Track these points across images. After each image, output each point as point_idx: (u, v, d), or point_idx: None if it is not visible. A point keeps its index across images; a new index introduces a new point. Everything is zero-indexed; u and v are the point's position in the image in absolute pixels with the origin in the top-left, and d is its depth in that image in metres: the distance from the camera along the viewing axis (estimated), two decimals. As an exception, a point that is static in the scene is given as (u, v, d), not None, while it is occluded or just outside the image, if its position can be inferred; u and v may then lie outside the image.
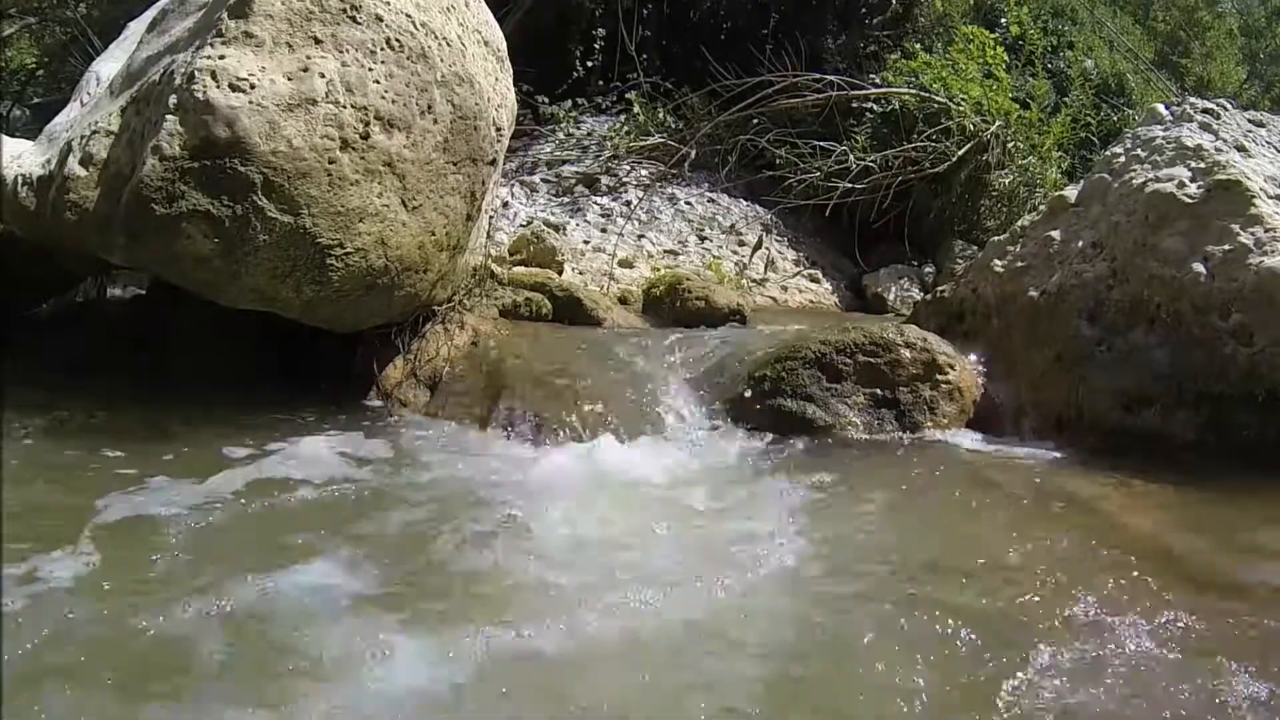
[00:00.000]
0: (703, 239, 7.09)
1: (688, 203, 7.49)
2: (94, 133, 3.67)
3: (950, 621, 2.16)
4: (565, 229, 6.75)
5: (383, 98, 3.62)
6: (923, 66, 7.53)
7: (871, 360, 3.68)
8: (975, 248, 6.68)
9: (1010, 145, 7.35)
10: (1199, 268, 3.36)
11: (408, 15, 3.76)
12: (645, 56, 8.45)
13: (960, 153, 7.05)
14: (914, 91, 7.28)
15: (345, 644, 2.05)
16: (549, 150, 8.20)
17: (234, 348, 4.17)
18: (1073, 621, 2.17)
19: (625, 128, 8.20)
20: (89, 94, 4.32)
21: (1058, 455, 3.41)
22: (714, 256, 6.80)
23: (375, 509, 2.87)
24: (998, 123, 7.21)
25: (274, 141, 3.37)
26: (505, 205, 7.00)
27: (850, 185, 6.88)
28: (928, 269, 7.10)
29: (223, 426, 3.48)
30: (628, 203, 7.28)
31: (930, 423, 3.60)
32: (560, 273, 5.53)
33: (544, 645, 2.07)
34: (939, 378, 3.69)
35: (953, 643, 2.09)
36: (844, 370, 3.68)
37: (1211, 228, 3.40)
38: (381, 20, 3.68)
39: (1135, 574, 2.40)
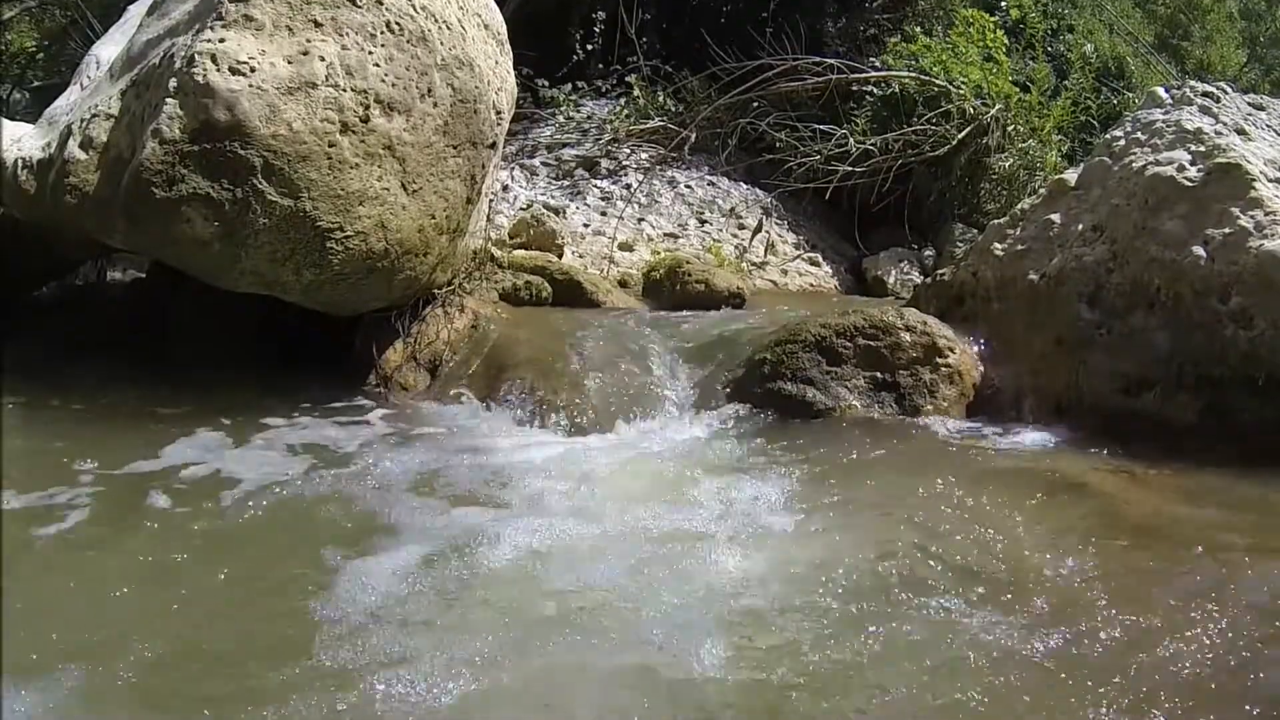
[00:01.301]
0: (702, 222, 7.07)
1: (687, 186, 7.47)
2: (94, 116, 3.66)
3: (943, 602, 2.18)
4: (565, 212, 6.74)
5: (382, 81, 3.62)
6: (923, 50, 7.49)
7: (871, 344, 3.69)
8: (975, 231, 6.66)
9: (1010, 128, 7.33)
10: (1199, 251, 3.36)
11: (407, -2, 3.75)
12: (645, 40, 8.41)
13: (960, 136, 7.03)
14: (914, 75, 7.25)
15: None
16: (549, 133, 8.18)
17: (234, 331, 4.18)
18: (1073, 603, 2.19)
19: (625, 111, 8.17)
20: (89, 77, 4.32)
21: (1058, 438, 3.41)
22: (714, 240, 6.79)
23: (372, 494, 2.88)
24: (998, 106, 7.19)
25: (274, 125, 3.36)
26: (505, 189, 6.99)
27: (850, 169, 6.86)
28: (928, 252, 7.09)
29: (221, 410, 3.49)
30: (628, 186, 7.26)
31: (930, 406, 3.61)
32: (560, 256, 5.52)
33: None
34: (939, 361, 3.69)
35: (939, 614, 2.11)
36: (844, 353, 3.68)
37: (1211, 211, 3.40)
38: (381, 3, 3.67)
39: (1136, 558, 2.41)
